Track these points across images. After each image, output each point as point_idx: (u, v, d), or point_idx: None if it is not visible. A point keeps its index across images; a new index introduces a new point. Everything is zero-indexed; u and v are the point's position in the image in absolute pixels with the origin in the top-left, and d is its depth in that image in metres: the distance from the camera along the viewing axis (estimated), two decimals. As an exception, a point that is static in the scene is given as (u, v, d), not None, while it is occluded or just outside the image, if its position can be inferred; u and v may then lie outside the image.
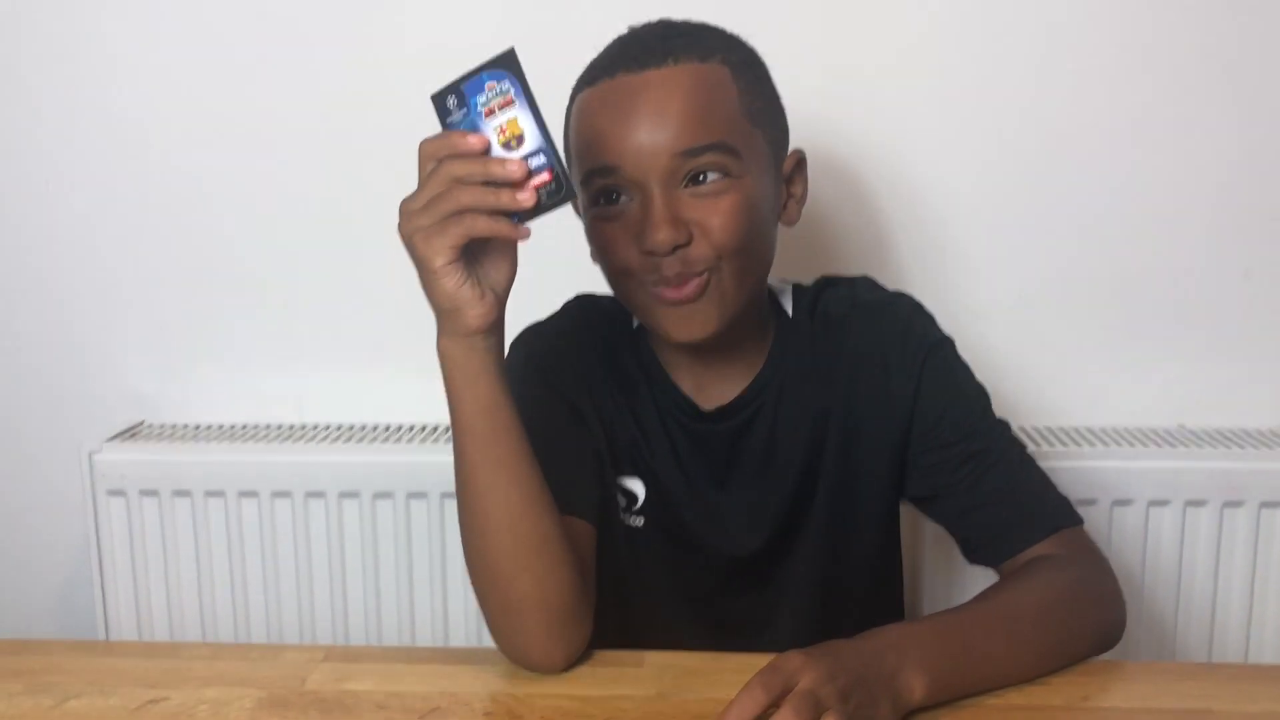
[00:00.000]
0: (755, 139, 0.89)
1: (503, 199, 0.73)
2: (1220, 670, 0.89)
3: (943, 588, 1.33)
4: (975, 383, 0.98)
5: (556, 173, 0.73)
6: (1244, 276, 1.36)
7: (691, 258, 0.87)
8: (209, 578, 1.38)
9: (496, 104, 0.73)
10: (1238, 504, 1.29)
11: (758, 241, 0.90)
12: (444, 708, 0.78)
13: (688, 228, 0.86)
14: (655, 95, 0.86)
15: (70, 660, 0.86)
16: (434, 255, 0.74)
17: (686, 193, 0.87)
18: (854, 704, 0.69)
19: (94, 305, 1.46)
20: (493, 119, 0.73)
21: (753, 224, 0.88)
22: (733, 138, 0.87)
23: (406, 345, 1.39)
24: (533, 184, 0.73)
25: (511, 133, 0.73)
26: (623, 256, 0.89)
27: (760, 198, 0.89)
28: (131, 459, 1.36)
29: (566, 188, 0.73)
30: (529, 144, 0.73)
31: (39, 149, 1.42)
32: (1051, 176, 1.36)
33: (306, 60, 1.38)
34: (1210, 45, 1.32)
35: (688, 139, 0.85)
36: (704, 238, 0.86)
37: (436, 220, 0.73)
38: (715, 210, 0.86)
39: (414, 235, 0.74)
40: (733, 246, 0.87)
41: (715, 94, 0.87)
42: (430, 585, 1.36)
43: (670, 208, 0.86)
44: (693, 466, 0.97)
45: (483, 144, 0.73)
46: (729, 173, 0.87)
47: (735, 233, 0.87)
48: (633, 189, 0.87)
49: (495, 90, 0.73)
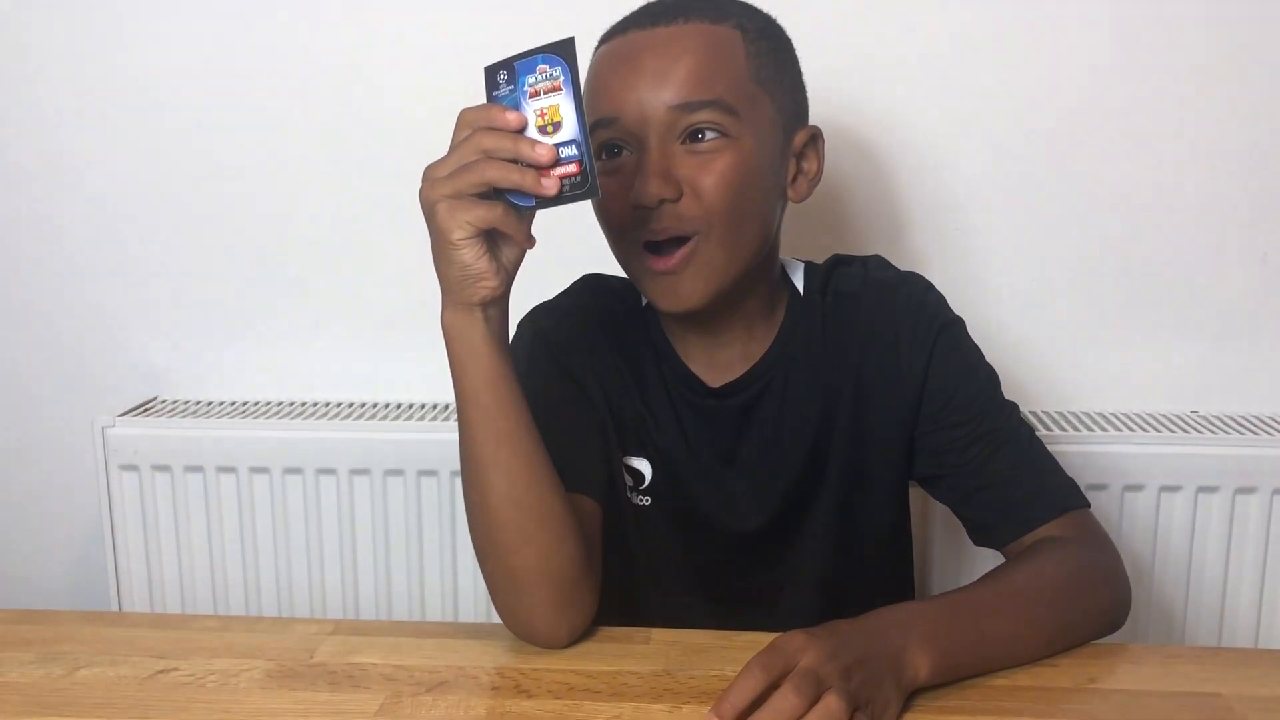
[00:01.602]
0: (760, 104, 0.88)
1: (526, 180, 0.73)
2: (1228, 654, 0.88)
3: (951, 570, 1.33)
4: (986, 364, 0.97)
5: (584, 167, 0.73)
6: (1261, 261, 1.35)
7: (680, 213, 0.86)
8: (220, 553, 1.39)
9: (543, 87, 0.73)
10: (1250, 490, 1.28)
11: (750, 208, 0.89)
12: (451, 681, 0.78)
13: (679, 184, 0.86)
14: (660, 50, 0.86)
15: (80, 630, 0.87)
16: (454, 228, 0.74)
17: (683, 149, 0.86)
18: (856, 682, 0.69)
19: (109, 280, 1.46)
20: (536, 101, 0.74)
21: (747, 189, 0.87)
22: (734, 98, 0.86)
23: (420, 324, 1.39)
24: (558, 172, 0.73)
25: (551, 118, 0.73)
26: (616, 211, 0.88)
27: (759, 164, 0.88)
28: (144, 434, 1.37)
29: (591, 184, 0.73)
30: (564, 133, 0.73)
31: (54, 124, 1.42)
32: (1067, 161, 1.35)
33: (321, 38, 1.38)
34: (1228, 29, 1.30)
35: (686, 93, 0.85)
36: (694, 196, 0.86)
37: (460, 193, 0.74)
38: (709, 169, 0.86)
39: (437, 205, 0.74)
40: (722, 208, 0.86)
41: (721, 53, 0.87)
42: (440, 562, 1.37)
43: (663, 162, 0.86)
44: (700, 444, 0.97)
45: (520, 122, 0.74)
46: (727, 133, 0.86)
47: (726, 194, 0.86)
48: (632, 142, 0.87)
49: (546, 74, 0.73)
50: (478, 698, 0.76)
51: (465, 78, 1.35)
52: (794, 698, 0.66)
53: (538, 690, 0.77)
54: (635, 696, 0.76)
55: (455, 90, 1.34)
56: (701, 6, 0.88)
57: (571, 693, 0.76)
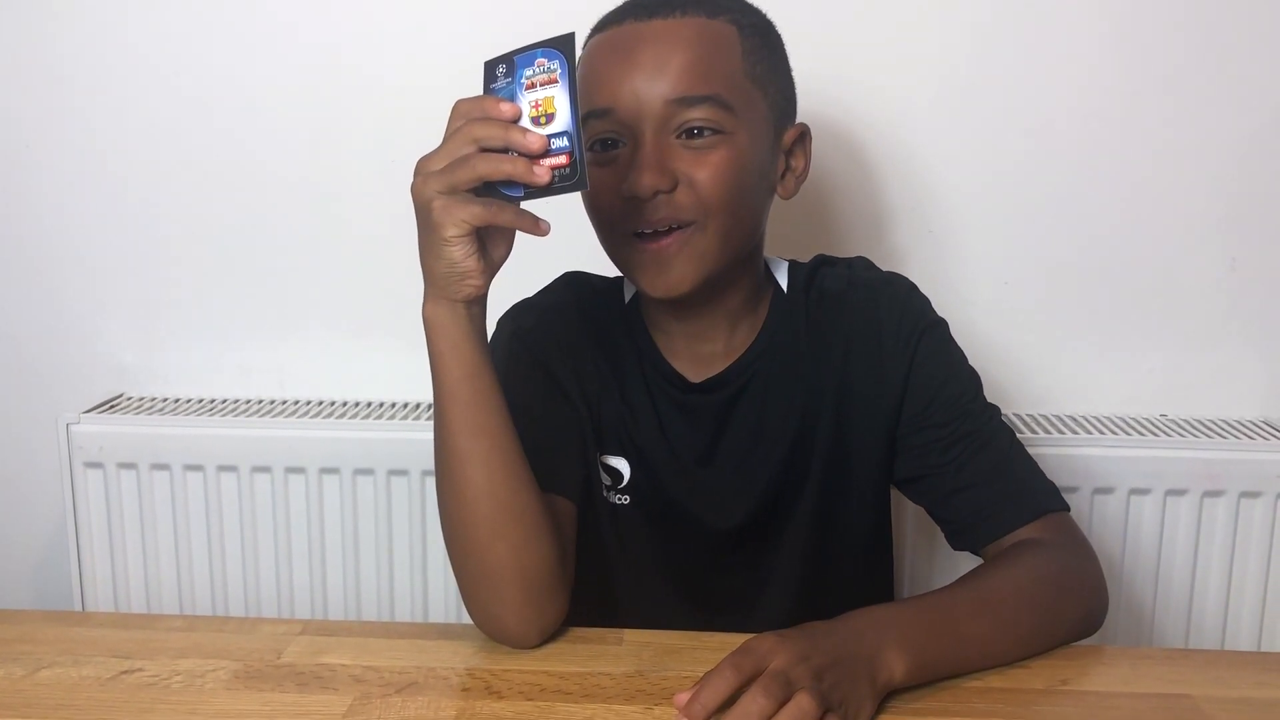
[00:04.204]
0: (755, 101, 0.89)
1: (518, 169, 0.72)
2: (1198, 656, 0.89)
3: (924, 574, 1.34)
4: (968, 366, 0.97)
5: (574, 159, 0.73)
6: (1229, 267, 1.36)
7: (675, 203, 0.86)
8: (187, 553, 1.37)
9: (540, 79, 0.74)
10: (1218, 494, 1.30)
11: (744, 203, 0.89)
12: (420, 682, 0.77)
13: (673, 176, 0.86)
14: (657, 44, 0.86)
15: (42, 630, 0.85)
16: (449, 225, 0.74)
17: (678, 143, 0.87)
18: (829, 683, 0.69)
19: (74, 275, 1.44)
20: (532, 92, 0.74)
21: (741, 183, 0.88)
22: (730, 94, 0.86)
23: (391, 323, 1.40)
24: (548, 162, 0.73)
25: (545, 109, 0.74)
26: (607, 202, 0.88)
27: (752, 160, 0.89)
28: (110, 431, 1.35)
29: (580, 176, 0.73)
30: (557, 124, 0.73)
31: (17, 117, 1.40)
32: (1040, 167, 1.35)
33: (290, 33, 1.37)
34: (1200, 37, 1.31)
35: (683, 88, 0.85)
36: (689, 189, 0.86)
37: (454, 188, 0.73)
38: (704, 164, 0.86)
39: (432, 200, 0.74)
40: (717, 202, 0.87)
41: (718, 49, 0.87)
42: (410, 563, 1.36)
43: (658, 154, 0.86)
44: (680, 441, 0.97)
45: (514, 112, 0.74)
46: (722, 129, 0.86)
47: (722, 188, 0.86)
48: (626, 134, 0.87)
49: (544, 67, 0.74)
50: (447, 699, 0.75)
51: (442, 73, 1.34)
52: (763, 699, 0.66)
53: (508, 691, 0.76)
54: (607, 697, 0.75)
55: (431, 86, 1.33)
56: (698, 1, 0.88)
57: (543, 694, 0.76)
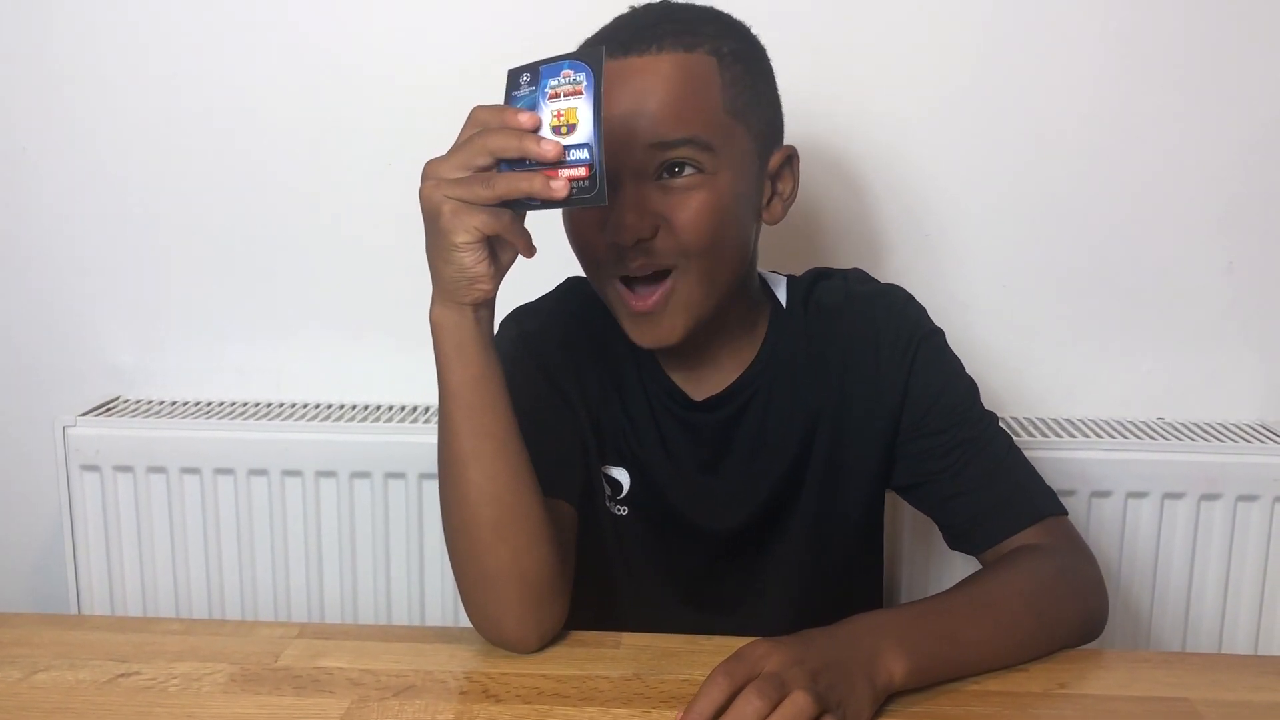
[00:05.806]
0: (736, 135, 0.87)
1: (535, 185, 0.71)
2: (1195, 659, 0.89)
3: (920, 578, 1.33)
4: (965, 374, 0.98)
5: (594, 172, 0.71)
6: (1227, 270, 1.36)
7: (656, 249, 0.85)
8: (183, 556, 1.37)
9: (564, 90, 0.72)
10: (1215, 497, 1.29)
11: (728, 241, 0.88)
12: (418, 685, 0.77)
13: (654, 220, 0.85)
14: (634, 84, 0.85)
15: (39, 633, 0.85)
16: (460, 231, 0.73)
17: (657, 185, 0.85)
18: (825, 684, 0.69)
19: (71, 277, 1.44)
20: (555, 102, 0.72)
21: (723, 223, 0.87)
22: (709, 133, 0.85)
23: (388, 324, 1.40)
24: (566, 174, 0.71)
25: (567, 119, 0.72)
26: (591, 243, 0.88)
27: (735, 196, 0.88)
28: (106, 434, 1.34)
29: (599, 190, 0.71)
30: (578, 136, 0.71)
31: (14, 118, 1.40)
32: (1038, 170, 1.35)
33: (289, 34, 1.36)
34: (1196, 39, 1.31)
35: (662, 131, 0.84)
36: (670, 233, 0.85)
37: (469, 198, 0.72)
38: (684, 206, 0.85)
39: (443, 205, 0.73)
40: (699, 245, 0.86)
41: (696, 86, 0.85)
42: (407, 566, 1.36)
43: (638, 200, 0.85)
44: (681, 455, 0.97)
45: (533, 123, 0.72)
46: (703, 168, 0.85)
47: (702, 231, 0.85)
48: None
49: (570, 79, 0.72)
50: (445, 702, 0.75)
51: (442, 75, 1.36)
52: (756, 700, 0.66)
53: (506, 695, 0.76)
54: (605, 701, 0.75)
55: (431, 88, 1.35)
56: (675, 32, 0.86)
57: (540, 697, 0.76)
